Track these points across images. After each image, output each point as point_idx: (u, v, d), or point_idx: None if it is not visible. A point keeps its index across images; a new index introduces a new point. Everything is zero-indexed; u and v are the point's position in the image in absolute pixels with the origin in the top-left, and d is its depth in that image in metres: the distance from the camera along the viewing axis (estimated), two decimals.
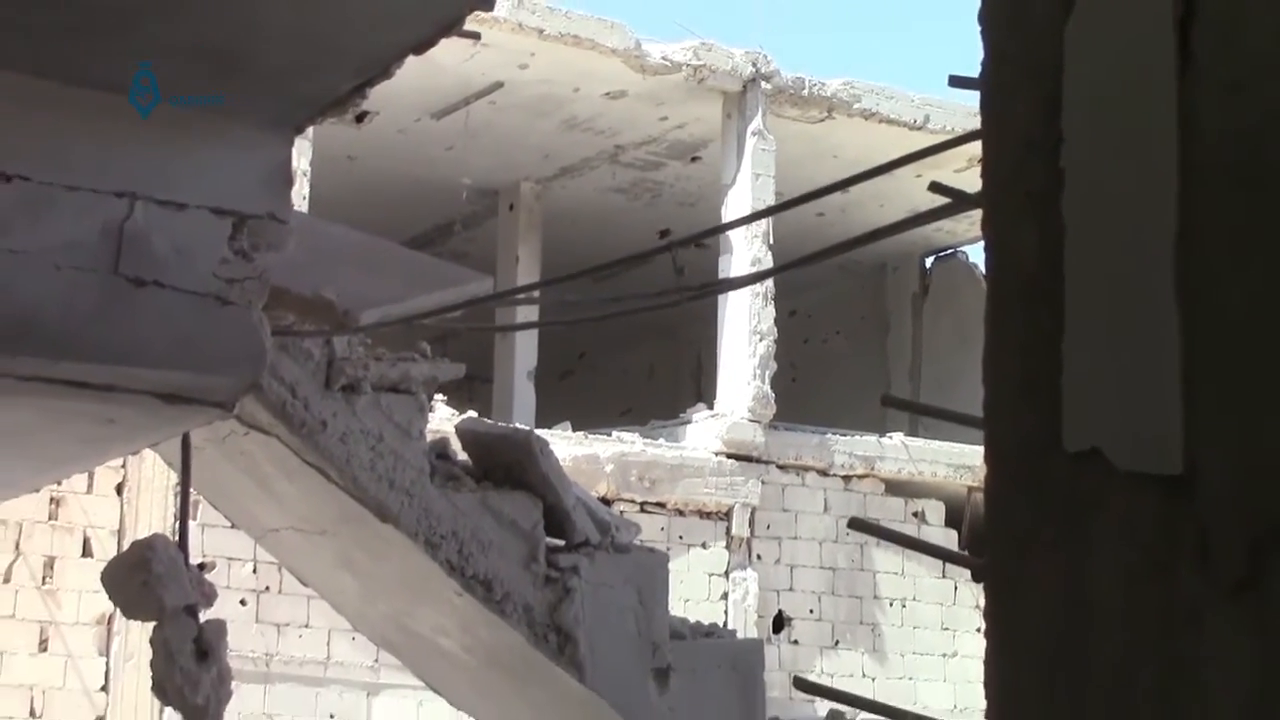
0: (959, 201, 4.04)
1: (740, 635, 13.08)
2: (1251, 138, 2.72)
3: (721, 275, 19.84)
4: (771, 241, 19.36)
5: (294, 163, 6.51)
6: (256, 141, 6.01)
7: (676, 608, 8.56)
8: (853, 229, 19.50)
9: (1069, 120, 3.15)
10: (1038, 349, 3.16)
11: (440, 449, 7.14)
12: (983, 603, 3.25)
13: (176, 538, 6.77)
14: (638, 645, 7.11)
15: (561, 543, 7.23)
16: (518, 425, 12.79)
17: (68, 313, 5.67)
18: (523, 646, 7.03)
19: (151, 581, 6.38)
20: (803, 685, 4.77)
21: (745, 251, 19.44)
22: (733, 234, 18.66)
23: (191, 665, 6.23)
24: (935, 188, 4.21)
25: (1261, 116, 2.74)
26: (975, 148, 3.27)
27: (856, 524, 4.23)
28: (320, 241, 7.28)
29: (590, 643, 7.03)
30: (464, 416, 13.28)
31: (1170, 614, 3.07)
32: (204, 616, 6.50)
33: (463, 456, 7.28)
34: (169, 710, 8.95)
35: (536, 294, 11.81)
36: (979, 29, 3.32)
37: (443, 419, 10.78)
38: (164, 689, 6.44)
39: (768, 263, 19.33)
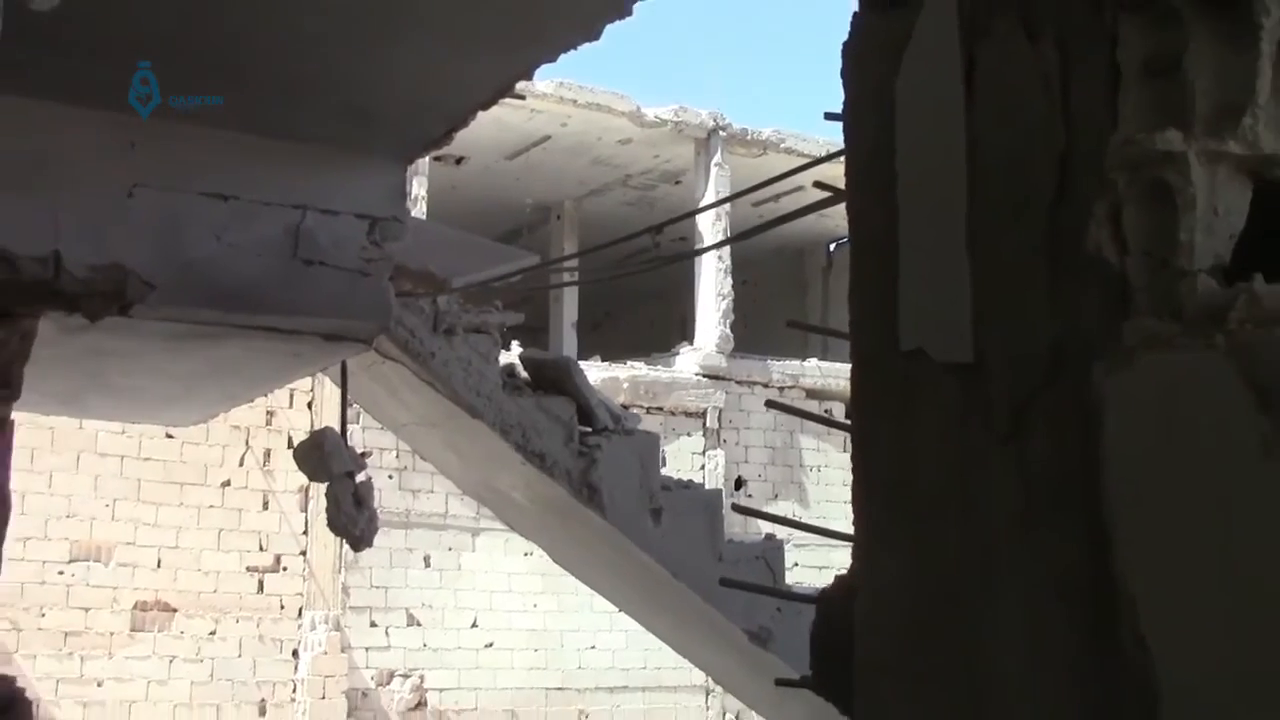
0: (834, 194, 4.07)
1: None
2: (1010, 150, 2.76)
3: (696, 262, 19.96)
4: (728, 232, 19.35)
5: (413, 191, 6.62)
6: (382, 169, 6.06)
7: (670, 474, 8.60)
8: (784, 225, 19.52)
9: (899, 137, 3.19)
10: (882, 285, 3.20)
11: (509, 370, 7.16)
12: None
13: (340, 430, 6.81)
14: (640, 494, 7.12)
15: (589, 429, 7.23)
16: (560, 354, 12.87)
17: (265, 284, 5.72)
18: (565, 497, 7.06)
19: (324, 456, 6.42)
20: (738, 509, 4.79)
21: (711, 239, 19.52)
22: (702, 228, 18.68)
23: (351, 509, 6.27)
24: (818, 184, 4.24)
25: (1013, 135, 2.78)
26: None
27: (771, 404, 4.24)
28: (427, 235, 7.31)
29: (609, 493, 7.04)
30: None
31: (965, 457, 3.11)
32: (359, 479, 6.53)
33: (524, 375, 7.30)
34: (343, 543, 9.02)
35: (574, 264, 11.77)
36: (841, 81, 3.35)
37: (513, 353, 10.77)
38: (335, 526, 6.49)
39: (726, 250, 19.40)
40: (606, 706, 18.08)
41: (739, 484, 18.61)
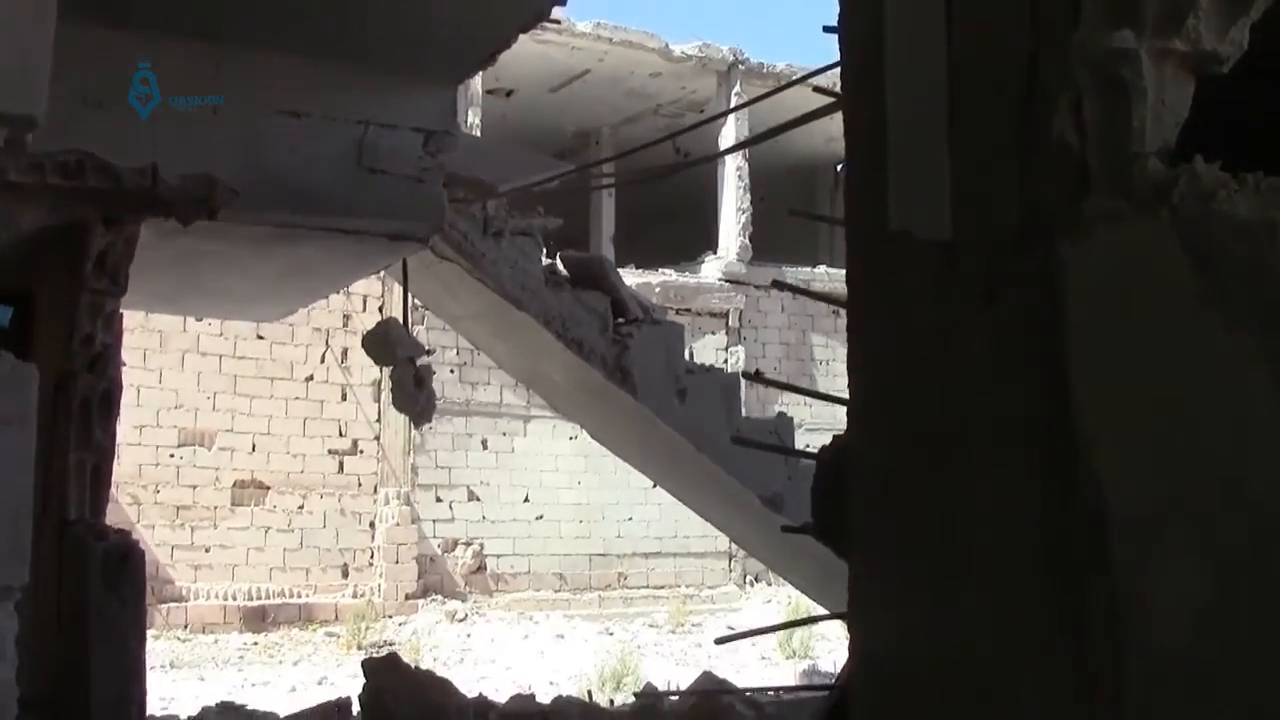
0: (832, 98, 4.03)
1: None
2: (985, 51, 2.73)
3: (718, 180, 19.87)
4: (746, 154, 19.26)
5: (468, 120, 6.61)
6: (436, 88, 6.03)
7: None
8: (796, 146, 19.38)
9: (887, 42, 3.16)
10: (874, 176, 3.18)
11: (551, 268, 7.13)
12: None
13: (403, 321, 6.80)
14: (667, 377, 7.09)
15: (621, 319, 7.19)
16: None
17: (334, 190, 5.72)
18: (601, 380, 7.06)
19: (389, 343, 6.43)
20: (748, 376, 4.78)
21: (731, 161, 19.38)
22: (724, 147, 18.56)
23: (412, 389, 6.29)
24: (817, 90, 4.18)
25: (988, 37, 2.75)
26: None
27: (778, 284, 4.16)
28: (477, 148, 7.28)
29: (640, 376, 7.02)
30: None
31: (945, 323, 3.10)
32: (419, 363, 6.52)
33: (564, 273, 7.27)
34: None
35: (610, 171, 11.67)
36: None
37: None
38: (398, 404, 6.51)
39: (744, 165, 19.31)
40: (642, 570, 18.25)
41: (756, 375, 18.62)
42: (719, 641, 4.74)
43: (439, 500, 17.19)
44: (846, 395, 3.46)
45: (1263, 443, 2.26)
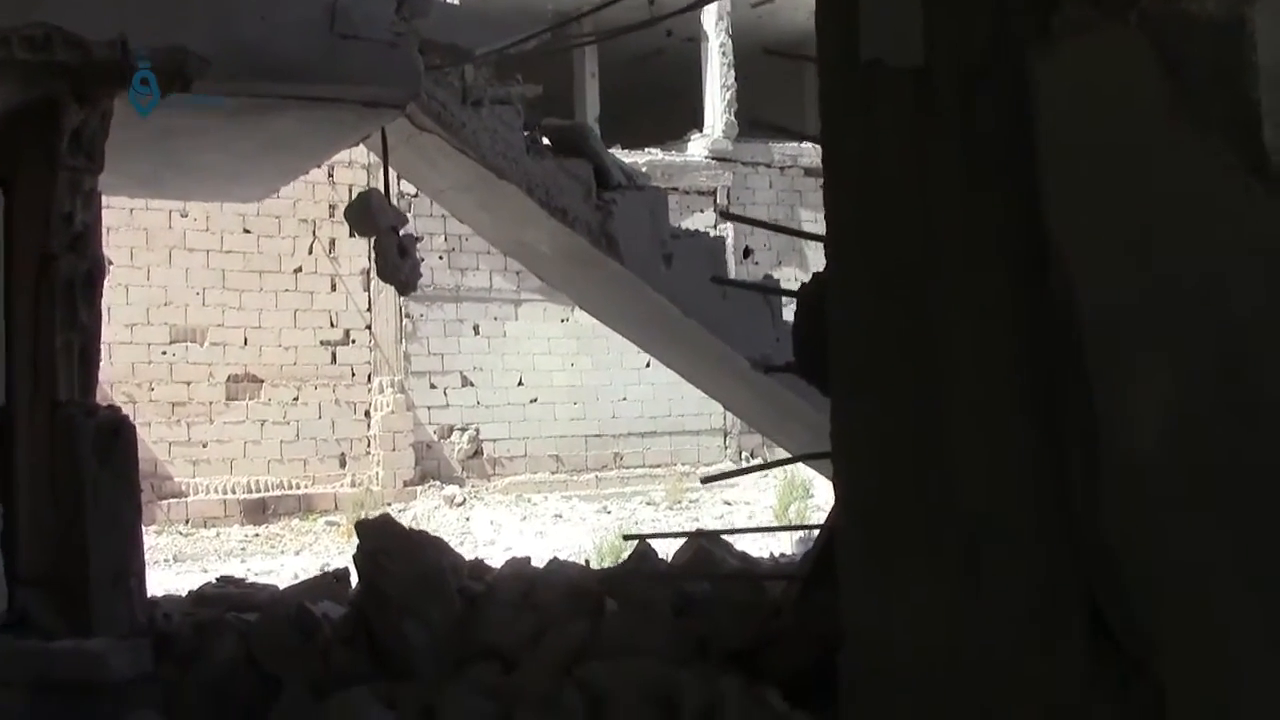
0: None
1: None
2: None
3: (703, 59, 19.62)
4: (730, 30, 19.06)
5: None
6: None
7: None
8: (779, 23, 19.12)
9: None
10: (845, 7, 3.16)
11: (533, 136, 7.05)
12: None
13: (384, 191, 6.75)
14: (653, 242, 7.02)
15: (604, 186, 7.06)
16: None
17: (307, 57, 5.66)
18: (587, 247, 7.01)
19: (371, 213, 6.41)
20: (725, 214, 4.73)
21: (715, 39, 19.23)
22: (707, 28, 18.36)
23: (396, 259, 6.26)
24: None
25: None
26: None
27: (756, 121, 4.02)
28: (451, 14, 7.17)
29: (625, 242, 6.97)
30: None
31: (919, 145, 3.11)
32: (402, 232, 6.50)
33: (547, 142, 7.21)
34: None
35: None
36: None
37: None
38: (382, 273, 6.49)
39: (728, 43, 19.09)
40: (638, 449, 18.40)
41: (747, 253, 18.57)
42: (705, 481, 4.81)
43: (433, 387, 17.27)
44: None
45: (1233, 243, 2.28)
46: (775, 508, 14.98)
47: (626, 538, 6.29)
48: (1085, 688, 2.31)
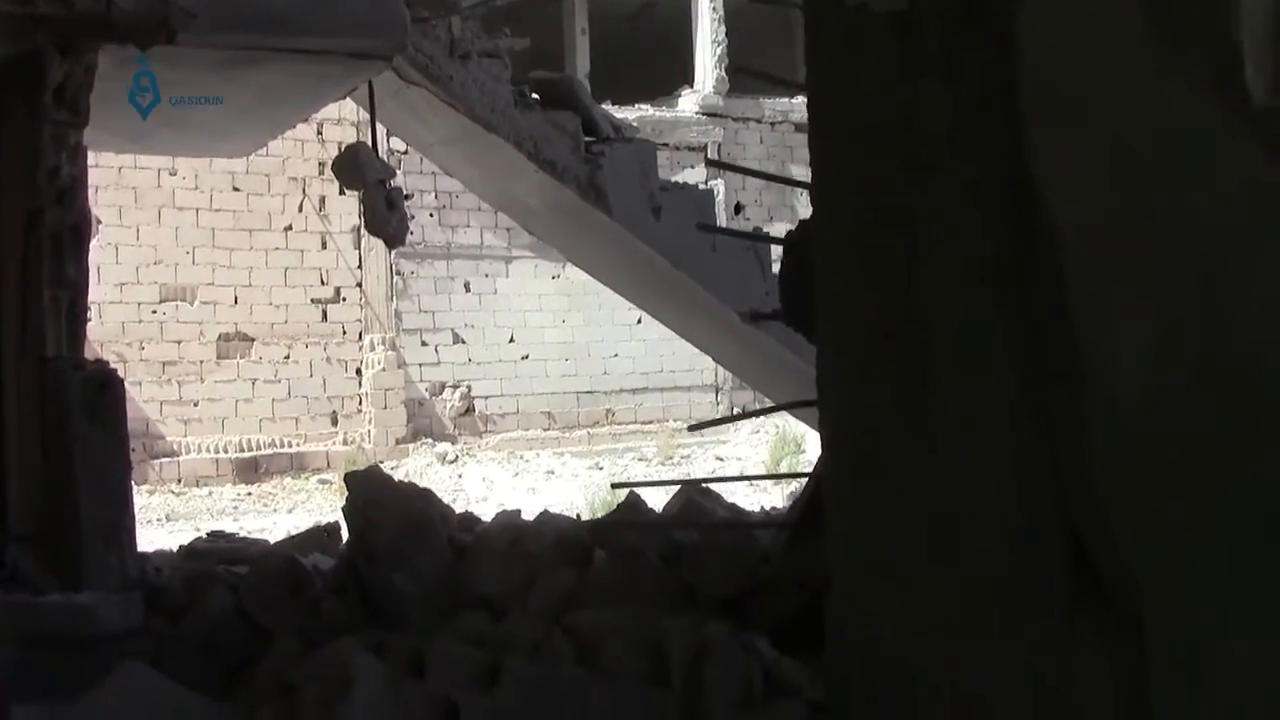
0: None
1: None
2: None
3: (693, 14, 19.51)
4: None
5: None
6: None
7: None
8: None
9: None
10: None
11: (521, 90, 7.02)
12: None
13: (371, 144, 6.72)
14: (641, 194, 7.01)
15: (593, 139, 7.10)
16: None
17: (293, 8, 5.64)
18: (576, 199, 6.99)
19: (358, 165, 6.38)
20: (712, 163, 4.74)
21: (706, 3, 19.18)
22: None
23: (384, 211, 6.24)
24: None
25: None
26: None
27: (741, 69, 4.03)
28: None
29: (614, 194, 6.95)
30: None
31: (904, 90, 3.09)
32: (390, 185, 6.48)
33: (535, 95, 7.18)
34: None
35: None
36: None
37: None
38: (370, 226, 6.48)
39: (719, 4, 18.99)
40: (630, 405, 18.42)
41: (738, 208, 18.56)
42: (692, 429, 4.83)
43: (424, 344, 17.26)
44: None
45: (1212, 180, 2.28)
46: (767, 463, 15.02)
47: (615, 486, 6.31)
48: (1067, 614, 2.33)
